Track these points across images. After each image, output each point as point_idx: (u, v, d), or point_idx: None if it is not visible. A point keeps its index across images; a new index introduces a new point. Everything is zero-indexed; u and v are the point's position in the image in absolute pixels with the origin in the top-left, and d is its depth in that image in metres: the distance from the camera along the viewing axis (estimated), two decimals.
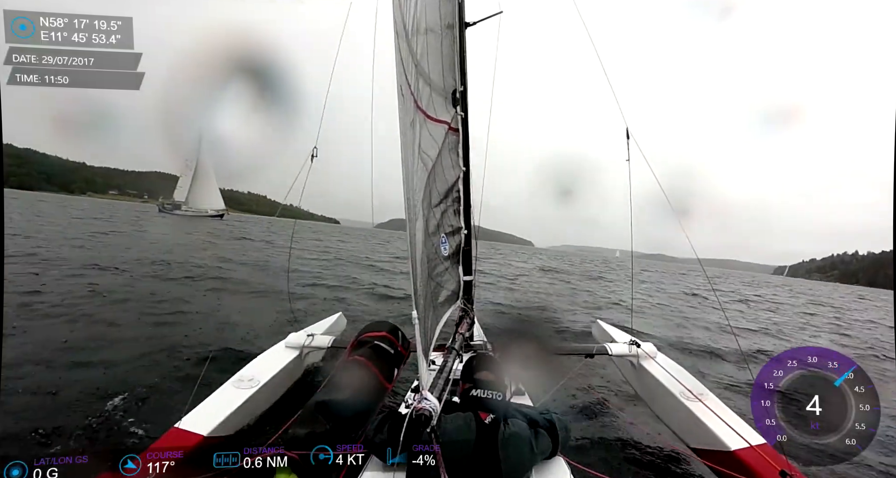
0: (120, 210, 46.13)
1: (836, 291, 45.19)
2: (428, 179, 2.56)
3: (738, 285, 28.66)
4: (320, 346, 3.35)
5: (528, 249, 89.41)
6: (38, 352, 3.76)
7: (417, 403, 1.70)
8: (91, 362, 3.70)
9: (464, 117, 3.25)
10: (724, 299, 15.98)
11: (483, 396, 1.85)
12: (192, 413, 2.24)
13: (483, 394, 1.85)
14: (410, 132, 2.06)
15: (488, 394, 1.85)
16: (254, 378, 2.72)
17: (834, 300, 25.79)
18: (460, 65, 3.17)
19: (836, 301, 25.06)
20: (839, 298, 29.94)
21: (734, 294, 19.58)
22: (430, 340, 2.24)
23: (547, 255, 46.83)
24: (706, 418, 2.63)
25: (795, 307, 17.05)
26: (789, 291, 30.79)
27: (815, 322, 12.74)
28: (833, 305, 21.55)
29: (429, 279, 2.52)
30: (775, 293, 24.84)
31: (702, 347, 6.72)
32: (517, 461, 1.75)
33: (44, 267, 7.76)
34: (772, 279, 72.93)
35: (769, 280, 59.98)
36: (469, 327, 3.43)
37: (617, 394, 4.07)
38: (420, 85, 2.39)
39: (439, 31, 2.75)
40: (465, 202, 3.44)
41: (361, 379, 2.42)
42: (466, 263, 3.54)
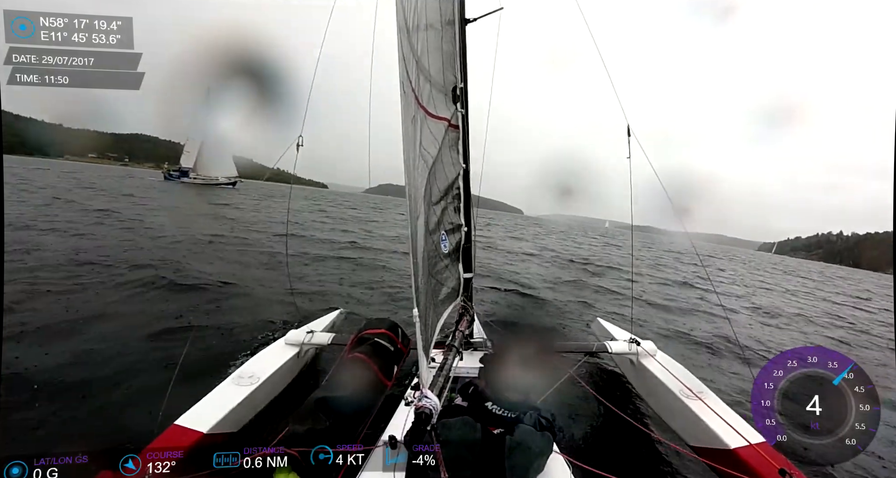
0: (112, 176, 41.27)
1: (839, 275, 44.34)
2: (429, 176, 2.55)
3: (737, 266, 27.15)
4: (320, 343, 3.37)
5: (519, 218, 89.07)
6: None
7: (418, 401, 1.70)
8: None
9: (464, 114, 3.24)
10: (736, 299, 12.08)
11: (498, 413, 1.80)
12: (191, 410, 2.26)
13: (499, 411, 1.81)
14: (412, 129, 2.05)
15: (505, 412, 1.81)
16: (254, 375, 2.74)
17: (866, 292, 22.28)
18: (461, 61, 3.15)
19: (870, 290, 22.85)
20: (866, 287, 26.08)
21: (737, 282, 17.07)
22: (430, 337, 2.25)
23: (543, 226, 45.60)
24: (706, 416, 2.63)
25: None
26: (797, 277, 28.33)
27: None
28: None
29: (429, 277, 2.52)
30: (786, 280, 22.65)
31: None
32: (523, 468, 1.73)
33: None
34: (761, 257, 72.38)
35: (759, 258, 59.80)
36: (469, 325, 3.44)
37: (616, 392, 4.07)
38: (420, 81, 2.38)
39: (439, 27, 2.74)
40: (465, 199, 3.44)
41: (361, 376, 2.43)
42: (467, 261, 3.54)
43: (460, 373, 2.91)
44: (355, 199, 30.75)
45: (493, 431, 1.75)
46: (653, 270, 14.92)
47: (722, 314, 8.03)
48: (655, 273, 14.33)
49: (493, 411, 1.80)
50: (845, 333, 9.19)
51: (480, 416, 1.82)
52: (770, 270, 31.33)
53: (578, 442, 3.09)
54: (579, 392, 3.67)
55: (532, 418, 1.87)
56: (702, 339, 6.48)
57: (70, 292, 5.03)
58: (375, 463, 1.76)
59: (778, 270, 31.83)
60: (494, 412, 1.80)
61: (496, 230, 27.64)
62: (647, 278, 12.52)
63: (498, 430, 1.76)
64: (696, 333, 6.83)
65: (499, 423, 1.78)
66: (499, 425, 1.78)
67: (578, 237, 30.15)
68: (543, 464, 1.83)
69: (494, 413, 1.80)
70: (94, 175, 38.01)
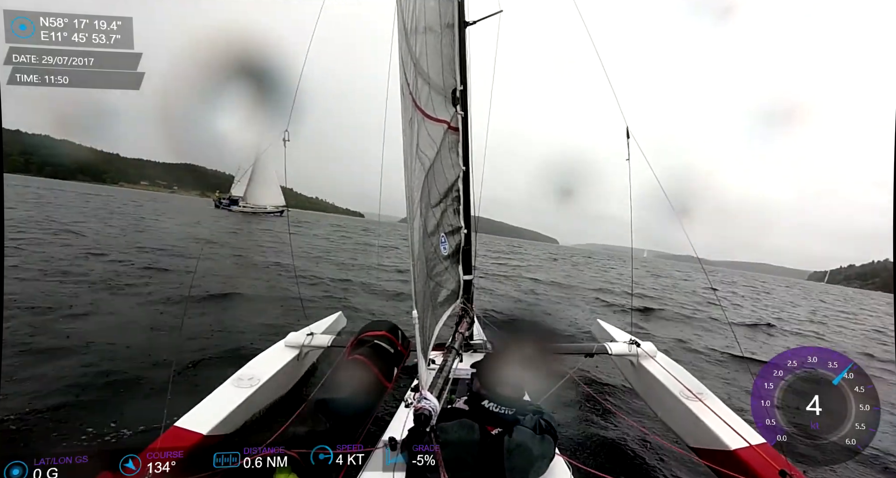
0: (169, 202, 44.96)
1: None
2: (426, 178, 2.56)
3: (800, 299, 23.20)
4: (320, 345, 3.36)
5: (553, 248, 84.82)
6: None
7: (417, 402, 1.70)
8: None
9: (464, 116, 3.25)
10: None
11: (495, 410, 1.77)
12: (191, 412, 2.25)
13: (495, 408, 1.78)
14: (409, 131, 2.06)
15: (501, 409, 1.78)
16: (253, 377, 2.73)
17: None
18: (460, 64, 3.17)
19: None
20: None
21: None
22: (429, 339, 2.24)
23: (579, 253, 43.86)
24: (706, 417, 2.63)
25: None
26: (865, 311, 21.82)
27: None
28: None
29: (428, 279, 2.52)
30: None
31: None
32: (522, 470, 1.72)
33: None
34: (813, 288, 62.49)
35: (815, 289, 52.06)
36: (469, 327, 3.44)
37: (616, 393, 4.07)
38: (419, 84, 2.39)
39: (439, 30, 2.75)
40: (464, 202, 3.45)
41: (361, 378, 2.42)
42: (466, 263, 3.54)
43: (460, 375, 2.91)
44: (382, 227, 30.72)
45: (491, 431, 1.74)
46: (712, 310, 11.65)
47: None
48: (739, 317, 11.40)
49: (489, 410, 1.78)
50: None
51: (478, 415, 1.81)
52: (852, 305, 25.59)
53: (579, 443, 3.09)
54: (580, 393, 3.67)
55: (532, 421, 1.85)
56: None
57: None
58: (375, 464, 1.75)
59: (855, 306, 25.75)
60: (491, 411, 1.78)
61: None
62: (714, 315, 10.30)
63: (496, 430, 1.74)
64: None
65: (497, 421, 1.77)
66: (497, 423, 1.77)
67: (619, 267, 26.91)
68: (545, 467, 1.81)
69: (491, 411, 1.77)
70: (152, 201, 41.32)
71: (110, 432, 2.71)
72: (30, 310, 4.71)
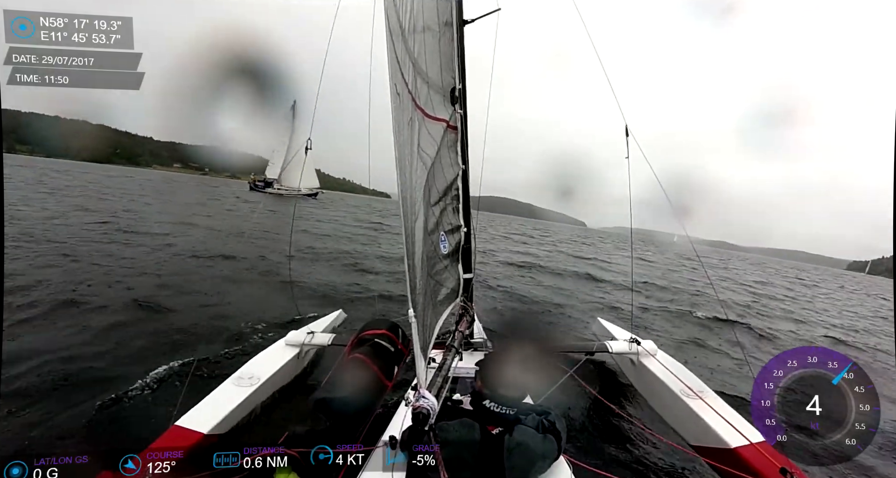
0: (204, 186, 45.19)
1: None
2: (427, 177, 2.55)
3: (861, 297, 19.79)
4: (320, 344, 3.37)
5: (580, 230, 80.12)
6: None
7: (416, 401, 1.69)
8: None
9: (462, 115, 3.24)
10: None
11: (496, 410, 1.78)
12: (191, 411, 2.26)
13: (496, 408, 1.78)
14: (408, 130, 2.05)
15: (502, 409, 1.78)
16: (254, 376, 2.74)
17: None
18: (459, 62, 3.15)
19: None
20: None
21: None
22: (428, 338, 2.24)
23: (609, 238, 41.84)
24: (706, 415, 2.63)
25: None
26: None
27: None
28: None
29: (428, 277, 2.52)
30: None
31: None
32: (523, 469, 1.71)
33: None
34: (854, 278, 57.83)
35: (863, 281, 47.17)
36: (469, 325, 3.43)
37: (617, 392, 4.07)
38: (418, 83, 2.38)
39: (437, 28, 2.74)
40: (464, 200, 3.44)
41: (361, 377, 2.42)
42: (466, 261, 3.54)
43: (460, 374, 2.90)
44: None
45: (492, 430, 1.73)
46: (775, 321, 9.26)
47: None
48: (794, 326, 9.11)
49: (490, 409, 1.78)
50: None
51: (479, 415, 1.81)
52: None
53: (579, 442, 3.08)
54: (580, 392, 3.67)
55: (535, 421, 1.84)
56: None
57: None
58: (376, 463, 1.75)
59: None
60: (492, 410, 1.78)
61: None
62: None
63: (497, 429, 1.74)
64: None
65: (497, 421, 1.77)
66: (498, 423, 1.76)
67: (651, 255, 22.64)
68: (546, 467, 1.81)
69: (492, 411, 1.78)
70: (190, 185, 42.17)
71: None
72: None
